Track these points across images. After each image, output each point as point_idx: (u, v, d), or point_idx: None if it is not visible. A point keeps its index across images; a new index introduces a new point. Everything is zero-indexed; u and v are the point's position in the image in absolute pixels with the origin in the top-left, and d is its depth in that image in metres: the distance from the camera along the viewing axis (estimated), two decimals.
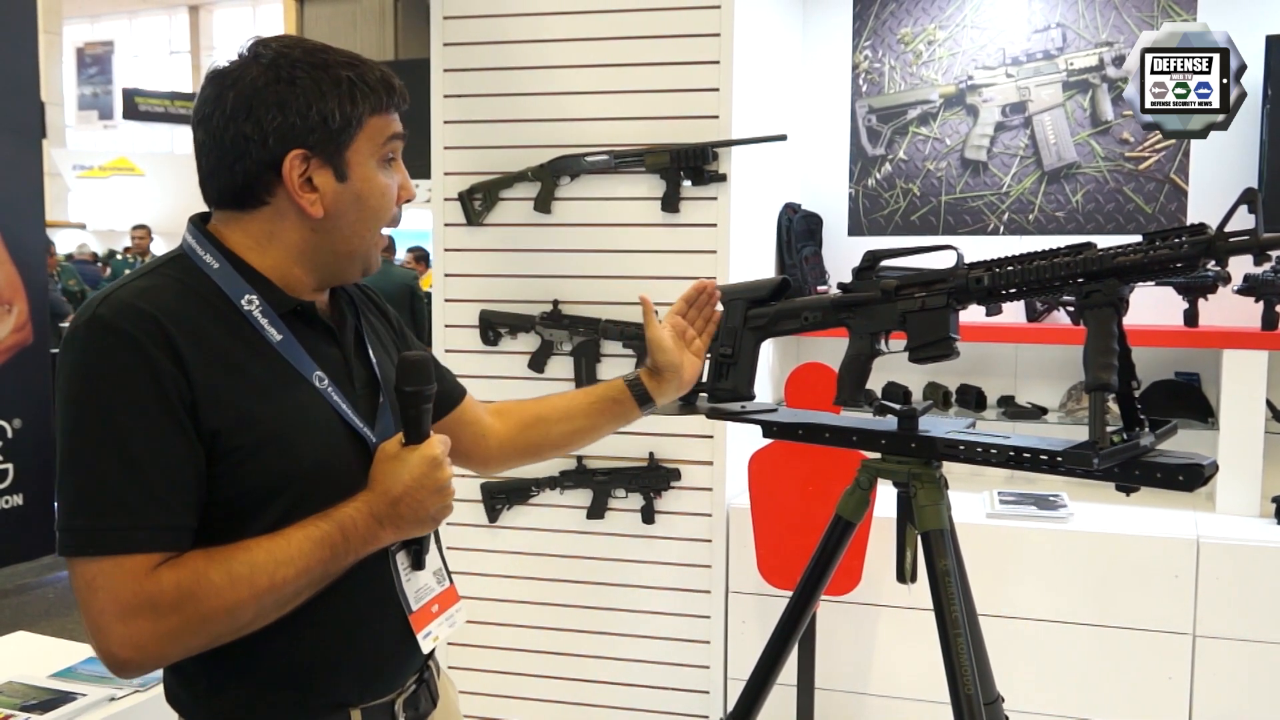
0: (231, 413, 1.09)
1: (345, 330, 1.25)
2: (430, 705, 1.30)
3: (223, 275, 1.14)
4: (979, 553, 2.54)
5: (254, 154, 1.12)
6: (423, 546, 1.24)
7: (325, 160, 1.14)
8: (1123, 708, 2.62)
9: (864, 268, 1.51)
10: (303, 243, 1.17)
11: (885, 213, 3.37)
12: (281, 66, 1.12)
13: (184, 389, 1.06)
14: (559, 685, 2.87)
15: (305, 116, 1.11)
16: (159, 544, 1.05)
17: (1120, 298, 1.29)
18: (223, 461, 1.09)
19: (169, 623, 1.04)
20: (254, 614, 1.08)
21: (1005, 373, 3.24)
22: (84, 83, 20.29)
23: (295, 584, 1.09)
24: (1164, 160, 3.12)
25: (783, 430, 1.64)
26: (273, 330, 1.14)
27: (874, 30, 3.35)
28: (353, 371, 1.22)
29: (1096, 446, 1.29)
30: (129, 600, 1.03)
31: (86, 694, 1.82)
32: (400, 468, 1.14)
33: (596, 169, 2.73)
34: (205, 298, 1.12)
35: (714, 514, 2.76)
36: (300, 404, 1.14)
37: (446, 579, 1.30)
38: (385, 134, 1.17)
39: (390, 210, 1.20)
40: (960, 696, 1.45)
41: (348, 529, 1.12)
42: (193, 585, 1.05)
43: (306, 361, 1.16)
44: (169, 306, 1.09)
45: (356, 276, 1.24)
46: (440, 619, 1.27)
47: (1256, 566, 2.55)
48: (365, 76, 1.14)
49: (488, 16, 2.79)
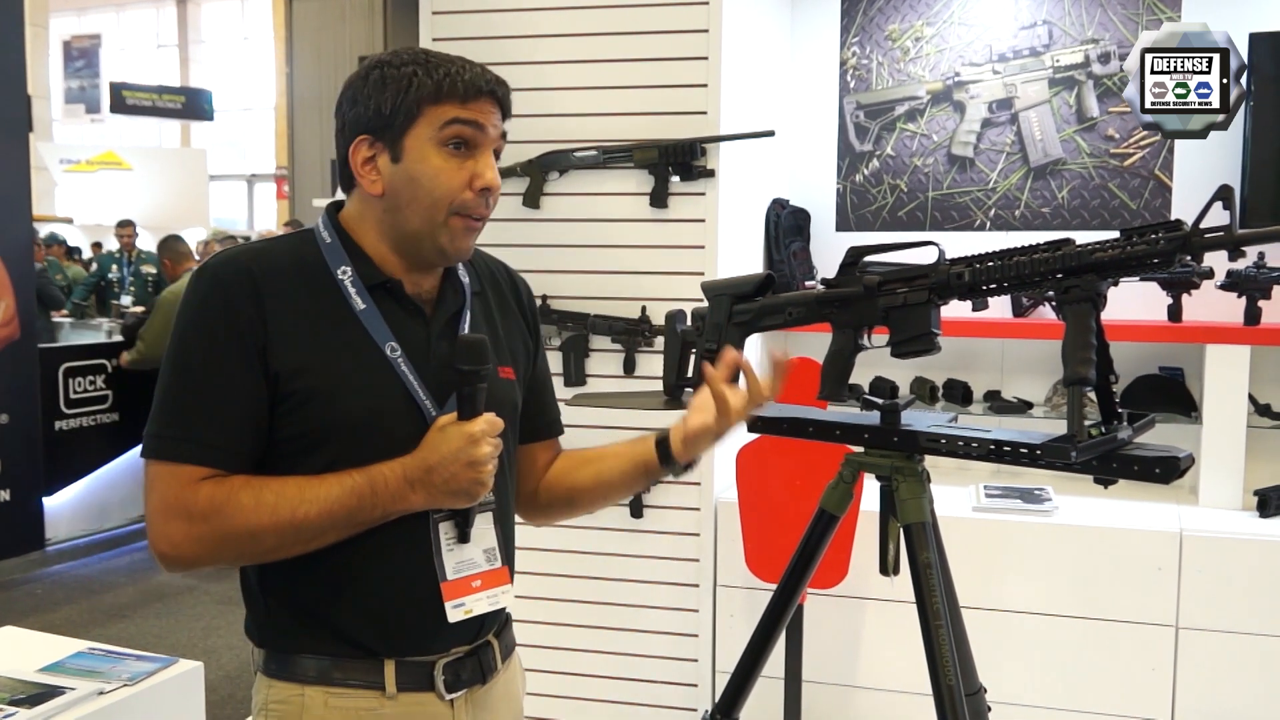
0: (296, 360, 1.22)
1: (440, 312, 1.33)
2: (478, 678, 1.33)
3: (330, 250, 1.29)
4: (965, 546, 2.56)
5: (340, 142, 1.29)
6: (467, 520, 1.29)
7: (385, 145, 1.25)
8: (1107, 699, 2.65)
9: (847, 264, 1.52)
10: (380, 222, 1.29)
11: (873, 208, 3.39)
12: (371, 68, 1.27)
13: (259, 333, 1.21)
14: (548, 679, 2.89)
15: (368, 107, 1.25)
16: (206, 459, 1.20)
17: (1098, 293, 1.30)
18: (283, 403, 1.22)
19: (199, 529, 1.18)
20: (276, 541, 1.20)
21: (992, 367, 3.27)
22: (71, 76, 20.16)
23: (318, 523, 1.19)
24: (1149, 157, 3.14)
25: (767, 425, 1.65)
26: (358, 300, 1.27)
27: (862, 27, 3.36)
28: (432, 349, 1.30)
29: (1075, 440, 1.30)
30: (171, 502, 1.19)
31: (75, 688, 1.82)
32: (441, 439, 1.23)
33: (585, 164, 2.74)
34: (309, 265, 1.27)
35: (702, 508, 2.78)
36: (363, 367, 1.25)
37: (499, 560, 1.34)
38: (446, 118, 1.24)
39: (453, 194, 1.25)
40: (942, 687, 1.46)
41: (377, 484, 1.21)
42: (224, 501, 1.18)
43: (383, 331, 1.26)
44: (268, 265, 1.25)
45: (435, 257, 1.30)
46: (480, 595, 1.31)
47: (1238, 559, 2.58)
48: (431, 71, 1.24)
49: (476, 12, 2.80)
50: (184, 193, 14.18)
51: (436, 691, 1.29)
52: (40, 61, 16.23)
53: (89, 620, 4.39)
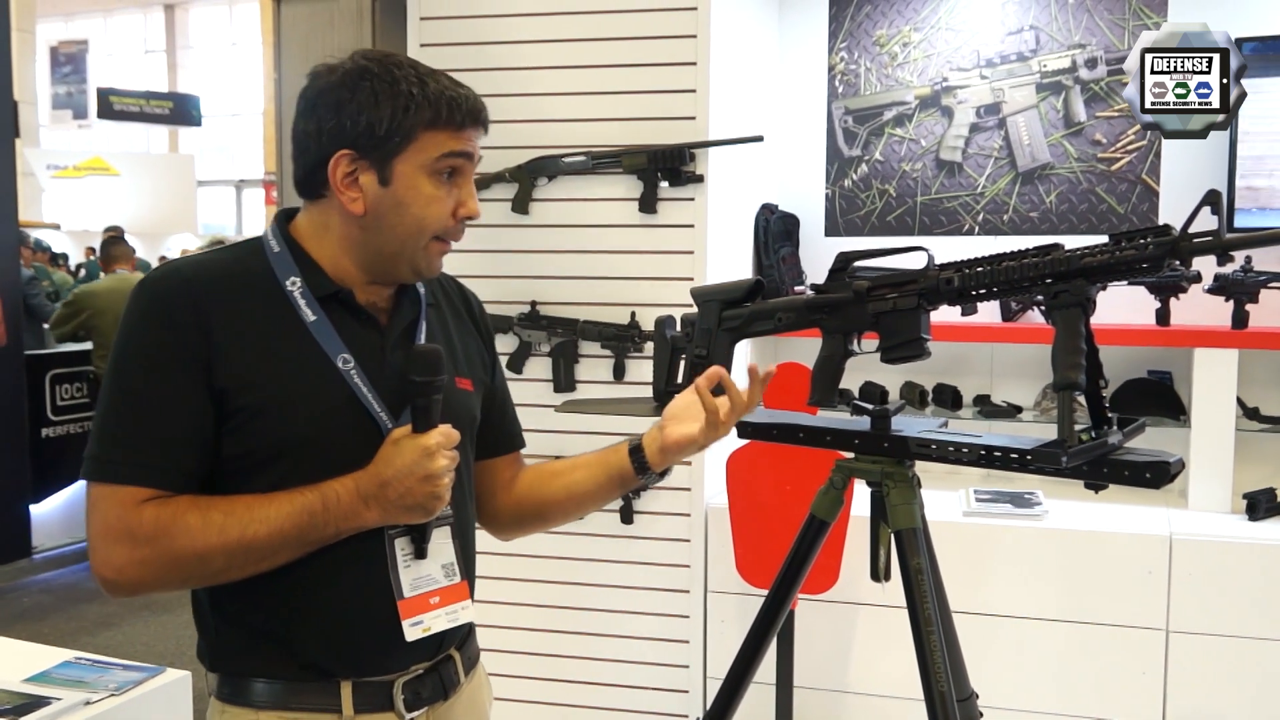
0: (242, 375, 1.18)
1: (396, 323, 1.30)
2: (439, 695, 1.30)
3: (278, 259, 1.25)
4: (955, 550, 2.56)
5: (312, 149, 1.23)
6: (424, 536, 1.26)
7: (371, 164, 1.21)
8: (1097, 703, 2.65)
9: (836, 269, 1.53)
10: (349, 237, 1.25)
11: (862, 213, 3.40)
12: (352, 75, 1.21)
13: (202, 346, 1.17)
14: (538, 685, 2.88)
15: (355, 121, 1.19)
16: (148, 480, 1.16)
17: (1087, 298, 1.31)
18: (229, 420, 1.18)
19: (143, 553, 1.15)
20: (225, 562, 1.16)
21: (981, 372, 3.27)
22: (58, 82, 20.09)
23: (269, 543, 1.16)
24: (1136, 161, 3.16)
25: (757, 430, 1.65)
26: (308, 311, 1.23)
27: (850, 32, 3.37)
28: (387, 359, 1.27)
29: (1065, 445, 1.30)
30: (113, 525, 1.15)
31: (61, 699, 1.80)
32: (395, 452, 1.19)
33: (574, 170, 2.73)
34: (257, 275, 1.24)
35: (692, 514, 2.77)
36: (314, 380, 1.21)
37: (458, 575, 1.32)
38: (441, 150, 1.23)
39: (438, 222, 1.24)
40: (934, 693, 1.46)
41: (330, 501, 1.18)
42: (169, 523, 1.15)
43: (335, 343, 1.23)
44: (212, 277, 1.21)
45: (406, 276, 1.29)
46: (439, 611, 1.28)
47: (1228, 562, 2.58)
48: (429, 93, 1.21)
49: (465, 18, 2.79)
50: (172, 198, 14.14)
51: (396, 711, 1.25)
52: (27, 67, 16.18)
53: (75, 629, 4.36)
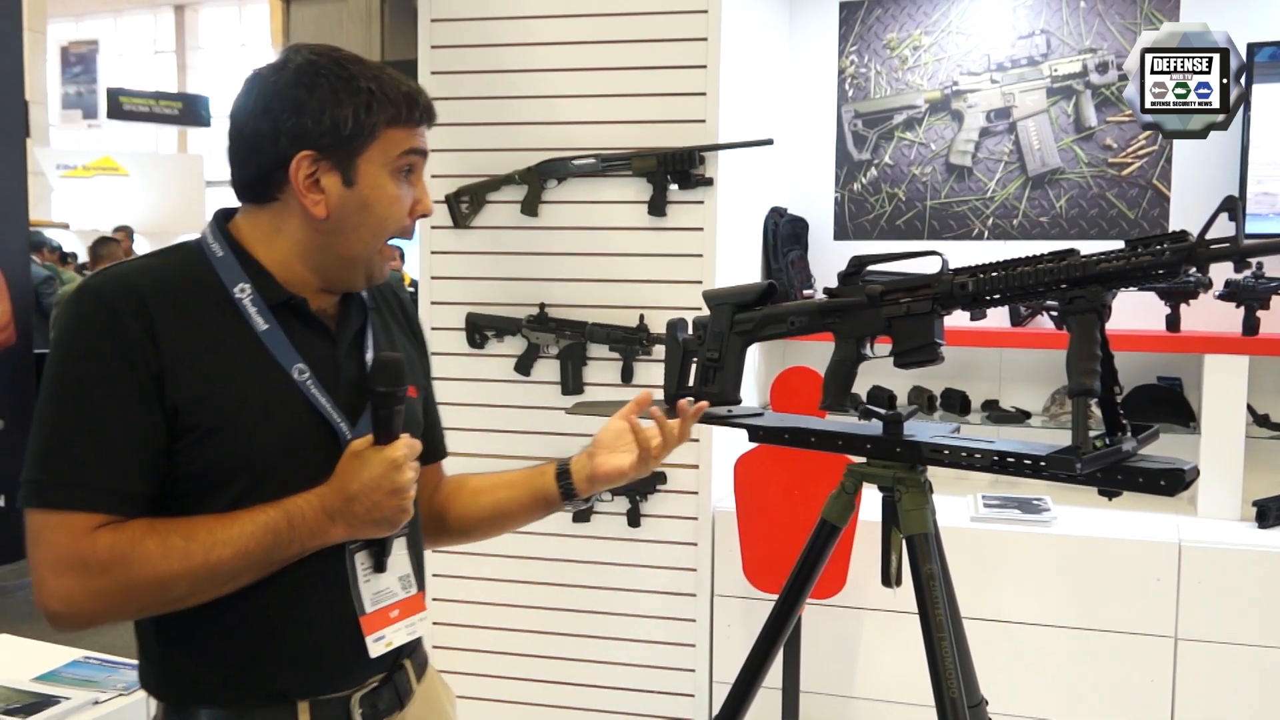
0: (195, 390, 1.11)
1: (345, 330, 1.26)
2: (395, 705, 1.27)
3: (224, 264, 1.18)
4: (963, 556, 2.55)
5: (267, 150, 1.16)
6: (384, 549, 1.23)
7: (334, 164, 1.16)
8: (1105, 710, 2.64)
9: (850, 273, 1.52)
10: (306, 241, 1.20)
11: (871, 217, 3.39)
12: (305, 72, 1.16)
13: (151, 360, 1.10)
14: (545, 688, 2.87)
15: (318, 120, 1.14)
16: (100, 505, 1.09)
17: (1103, 304, 1.30)
18: (183, 438, 1.12)
19: (98, 583, 1.08)
20: (187, 589, 1.10)
21: (989, 377, 3.26)
22: (68, 82, 20.14)
23: (232, 565, 1.11)
24: (1146, 166, 3.15)
25: (769, 434, 1.64)
26: (260, 320, 1.17)
27: (860, 36, 3.36)
28: (340, 369, 1.23)
29: (1079, 451, 1.30)
30: (63, 555, 1.08)
31: (70, 698, 1.81)
32: (360, 466, 1.16)
33: (583, 172, 2.73)
34: (202, 282, 1.17)
35: (700, 517, 2.77)
36: (270, 392, 1.16)
37: (415, 586, 1.28)
38: (402, 147, 1.19)
39: (399, 222, 1.21)
40: (945, 699, 1.45)
41: (295, 519, 1.13)
42: (126, 551, 1.08)
43: (289, 353, 1.18)
44: (157, 284, 1.13)
45: (360, 283, 1.25)
46: (399, 625, 1.25)
47: (1237, 569, 2.57)
48: (387, 89, 1.17)
49: (475, 19, 2.79)
50: (181, 199, 14.16)
51: None
52: (38, 67, 16.23)
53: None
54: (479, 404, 2.87)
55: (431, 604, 2.90)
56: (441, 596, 2.90)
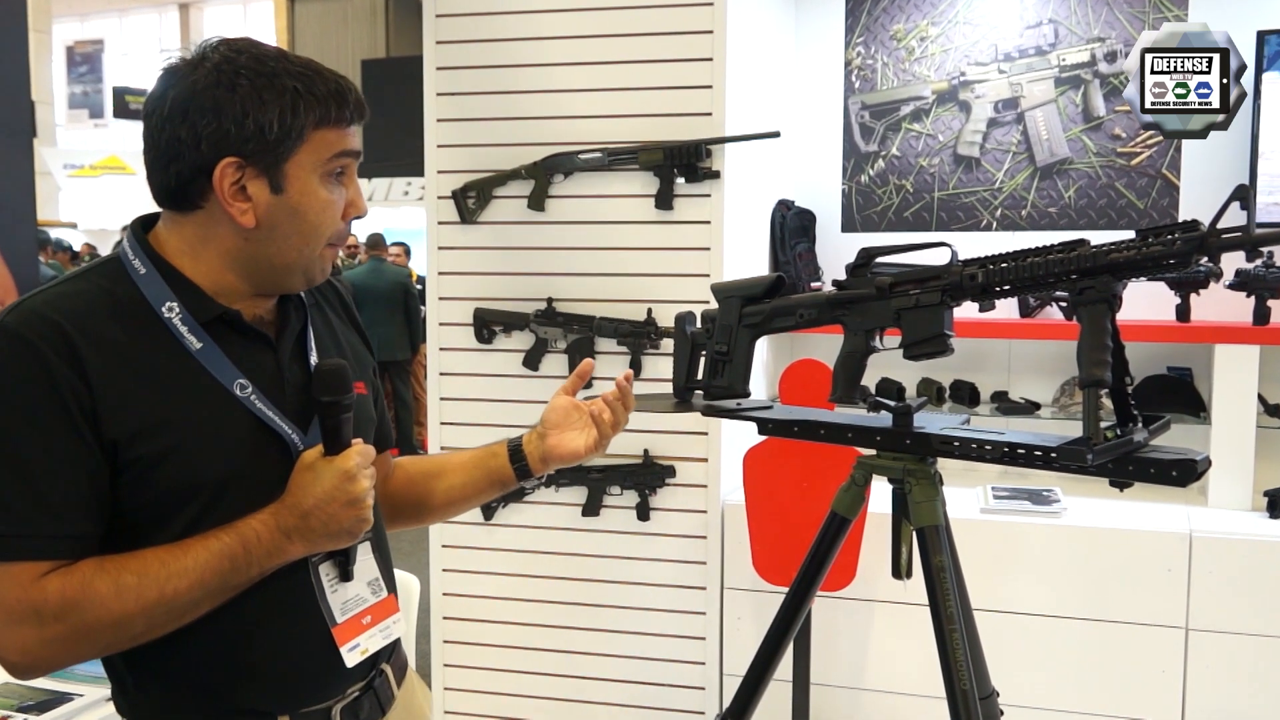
0: (134, 422, 1.07)
1: (285, 335, 1.21)
2: (377, 712, 1.27)
3: (147, 282, 1.12)
4: (973, 548, 2.54)
5: (187, 157, 1.09)
6: (349, 558, 1.21)
7: (260, 170, 1.10)
8: (1116, 701, 2.63)
9: (858, 265, 1.52)
10: (236, 251, 1.14)
11: (878, 209, 3.38)
12: (225, 71, 1.09)
13: (84, 397, 1.05)
14: (555, 682, 2.88)
15: (241, 125, 1.08)
16: (46, 552, 1.05)
17: (1114, 294, 1.29)
18: (126, 472, 1.08)
19: (54, 630, 1.04)
20: (145, 625, 1.07)
21: (999, 368, 3.25)
22: (74, 81, 20.19)
23: (189, 596, 1.08)
24: (1156, 156, 3.13)
25: (779, 427, 1.64)
26: (192, 338, 1.12)
27: (866, 27, 3.35)
28: (285, 378, 1.19)
29: (1091, 442, 1.29)
30: (13, 607, 1.04)
31: (83, 694, 1.82)
32: (313, 479, 1.12)
33: (590, 166, 2.73)
34: (125, 305, 1.11)
35: (709, 510, 2.77)
36: (213, 413, 1.12)
37: (384, 589, 1.26)
38: (332, 149, 1.13)
39: (333, 226, 1.16)
40: (955, 691, 1.45)
41: (249, 542, 1.10)
42: (78, 595, 1.04)
43: (228, 370, 1.13)
44: (79, 313, 1.07)
45: (299, 287, 1.20)
46: (373, 630, 1.23)
47: (1248, 560, 2.56)
48: (314, 88, 1.10)
49: (480, 14, 2.79)
50: None
51: None
52: (43, 67, 16.26)
53: None
54: (488, 399, 2.87)
55: (440, 596, 2.91)
56: (451, 591, 2.91)
